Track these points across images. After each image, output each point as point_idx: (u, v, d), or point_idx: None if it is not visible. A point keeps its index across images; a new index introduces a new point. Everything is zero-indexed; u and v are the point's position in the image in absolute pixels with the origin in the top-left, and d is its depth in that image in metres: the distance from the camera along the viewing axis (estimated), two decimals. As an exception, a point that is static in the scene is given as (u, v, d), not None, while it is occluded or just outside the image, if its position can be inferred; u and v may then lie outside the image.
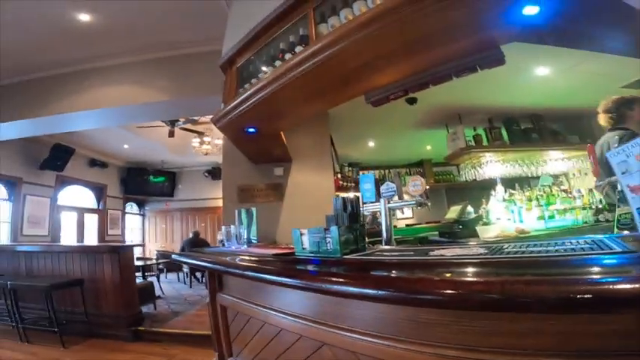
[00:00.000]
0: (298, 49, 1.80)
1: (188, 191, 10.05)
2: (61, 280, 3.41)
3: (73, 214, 8.04)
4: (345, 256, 1.26)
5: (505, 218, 3.51)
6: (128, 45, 4.11)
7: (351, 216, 1.55)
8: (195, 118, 6.07)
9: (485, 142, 4.43)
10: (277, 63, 1.91)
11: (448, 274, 0.74)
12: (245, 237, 2.45)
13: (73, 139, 7.20)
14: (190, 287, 6.18)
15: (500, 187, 3.99)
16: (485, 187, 4.31)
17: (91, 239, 8.19)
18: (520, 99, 4.10)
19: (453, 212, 3.71)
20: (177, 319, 3.69)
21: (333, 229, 1.35)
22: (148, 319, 3.65)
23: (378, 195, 1.91)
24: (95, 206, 8.68)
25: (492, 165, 4.45)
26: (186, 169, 10.09)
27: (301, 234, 1.50)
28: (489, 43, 1.63)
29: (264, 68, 2.11)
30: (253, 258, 1.48)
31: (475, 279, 0.69)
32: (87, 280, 3.47)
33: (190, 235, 7.72)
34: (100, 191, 8.77)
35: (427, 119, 4.62)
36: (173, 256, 2.48)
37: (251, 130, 2.69)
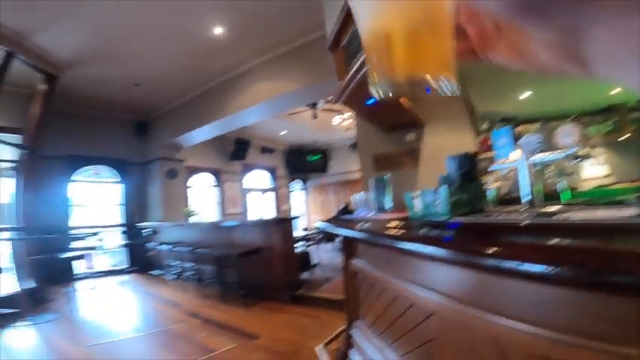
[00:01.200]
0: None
1: (338, 165, 10.90)
2: (245, 249, 4.16)
3: (256, 194, 10.06)
4: (452, 219, 1.17)
5: None
6: (258, 46, 4.74)
7: (466, 175, 1.39)
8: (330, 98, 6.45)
9: None
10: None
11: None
12: (379, 204, 2.49)
13: (247, 132, 8.90)
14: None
15: None
16: None
17: (270, 214, 10.06)
18: None
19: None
20: (327, 286, 4.14)
21: (442, 189, 1.26)
22: (306, 284, 4.19)
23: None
24: (270, 186, 10.56)
25: None
26: (335, 146, 10.91)
27: (413, 197, 1.46)
28: None
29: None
30: (364, 223, 1.55)
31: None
32: (263, 249, 4.16)
33: (342, 205, 8.40)
34: (272, 173, 10.59)
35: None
36: (316, 224, 2.80)
37: (370, 101, 2.68)
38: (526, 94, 4.67)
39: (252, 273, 4.07)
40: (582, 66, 0.21)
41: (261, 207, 10.07)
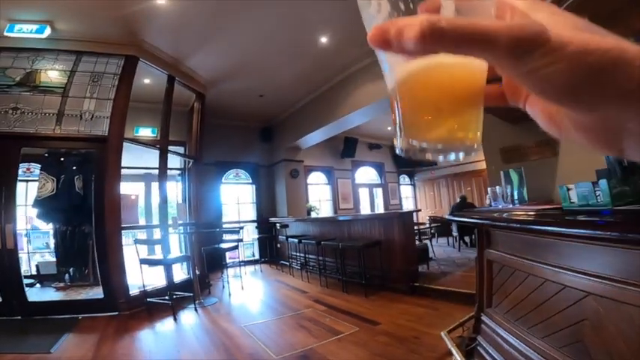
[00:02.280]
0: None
1: (450, 158, 10.34)
2: (367, 241, 4.44)
3: (365, 190, 10.39)
4: (619, 207, 1.20)
5: None
6: (359, 52, 5.02)
7: (625, 169, 1.39)
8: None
9: None
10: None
11: None
12: (514, 197, 2.47)
13: (354, 131, 9.25)
14: (459, 251, 6.51)
15: None
16: None
17: (380, 209, 10.28)
18: None
19: None
20: (445, 279, 4.13)
21: (602, 182, 1.29)
22: (422, 276, 4.28)
23: None
24: (379, 181, 10.76)
25: None
26: (445, 137, 10.37)
27: (568, 189, 1.49)
28: None
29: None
30: (519, 212, 1.62)
31: None
32: (383, 241, 4.38)
33: (458, 200, 8.02)
34: (380, 168, 10.77)
35: None
36: (446, 215, 2.87)
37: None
38: None
39: (373, 264, 4.32)
40: (619, 152, 0.21)
41: (371, 201, 10.38)
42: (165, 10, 3.79)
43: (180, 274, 4.87)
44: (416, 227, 6.53)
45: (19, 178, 3.88)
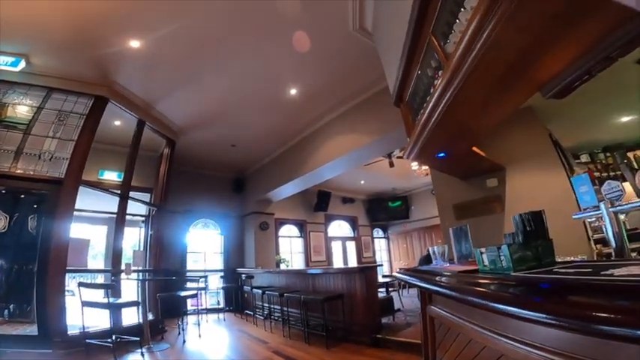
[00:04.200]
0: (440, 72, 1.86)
1: (420, 211, 10.59)
2: (329, 294, 4.39)
3: (338, 243, 10.30)
4: (515, 274, 1.23)
5: None
6: (327, 104, 5.36)
7: (530, 233, 1.44)
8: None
9: None
10: (431, 90, 2.03)
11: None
12: (450, 255, 2.52)
13: (328, 185, 9.45)
14: (432, 304, 6.38)
15: None
16: None
17: (352, 261, 10.12)
18: None
19: None
20: (408, 330, 3.99)
21: (504, 247, 1.34)
22: (386, 328, 4.15)
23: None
24: (351, 235, 10.74)
25: None
26: (415, 191, 10.74)
27: (481, 252, 1.53)
28: None
29: (427, 97, 2.27)
30: (436, 274, 1.64)
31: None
32: (345, 295, 4.33)
33: (425, 253, 8.05)
34: (352, 222, 10.82)
35: None
36: (394, 273, 2.88)
37: (441, 154, 2.78)
38: (630, 117, 4.15)
39: (335, 316, 4.24)
40: None
41: (344, 254, 10.23)
42: (138, 53, 3.90)
43: (133, 318, 4.54)
44: (384, 279, 6.46)
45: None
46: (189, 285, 5.51)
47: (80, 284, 3.77)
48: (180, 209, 7.19)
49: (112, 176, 5.66)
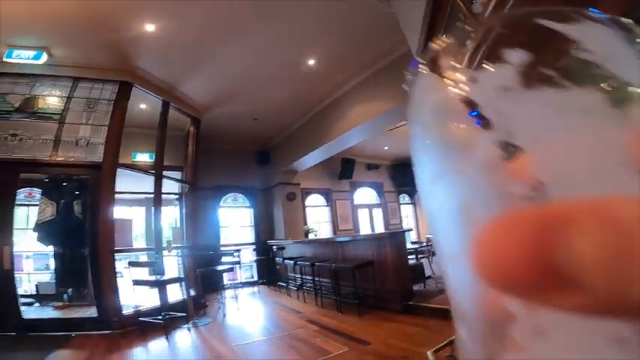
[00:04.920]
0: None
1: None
2: (359, 262, 4.44)
3: (365, 210, 10.37)
4: None
5: None
6: (350, 71, 5.21)
7: None
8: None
9: None
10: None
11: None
12: None
13: (351, 152, 9.34)
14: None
15: None
16: None
17: (380, 229, 10.21)
18: None
19: None
20: (440, 297, 4.05)
21: None
22: (417, 295, 4.22)
23: None
24: (378, 201, 10.76)
25: None
26: (442, 155, 10.45)
27: None
28: None
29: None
30: None
31: None
32: (375, 262, 4.37)
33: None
34: (379, 189, 10.79)
35: None
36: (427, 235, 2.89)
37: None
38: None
39: (366, 284, 4.31)
40: None
41: (371, 222, 10.33)
42: (154, 37, 3.93)
43: (177, 295, 4.89)
44: (413, 246, 6.50)
45: (20, 202, 3.97)
46: (224, 259, 5.79)
47: (130, 263, 4.07)
48: (210, 185, 7.40)
49: (144, 157, 5.87)
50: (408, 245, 5.53)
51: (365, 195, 10.52)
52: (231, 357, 3.02)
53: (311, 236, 7.97)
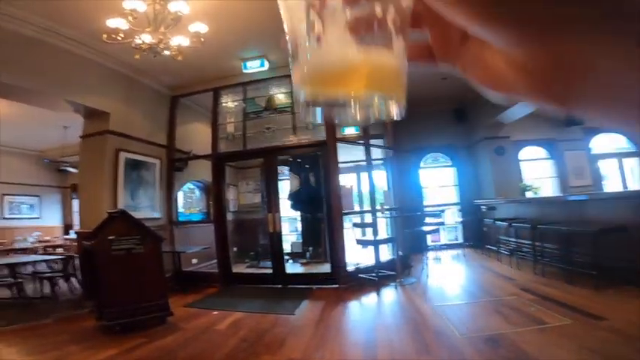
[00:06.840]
0: None
1: None
2: (605, 226, 3.52)
3: (612, 161, 7.96)
4: None
5: None
6: None
7: None
8: None
9: None
10: None
11: None
12: None
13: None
14: None
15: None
16: None
17: (635, 184, 7.59)
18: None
19: None
20: None
21: None
22: None
23: None
24: (630, 149, 7.97)
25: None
26: None
27: None
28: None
29: None
30: None
31: None
32: (630, 227, 3.39)
33: None
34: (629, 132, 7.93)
35: None
36: None
37: None
38: None
39: (611, 253, 3.52)
40: (570, 105, 0.17)
41: (622, 176, 7.86)
42: None
43: (386, 254, 5.52)
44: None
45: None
46: (427, 220, 5.97)
47: (355, 224, 4.93)
48: (409, 147, 7.64)
49: (351, 131, 6.77)
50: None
51: (609, 141, 8.02)
52: (433, 317, 3.17)
53: (529, 194, 6.94)
